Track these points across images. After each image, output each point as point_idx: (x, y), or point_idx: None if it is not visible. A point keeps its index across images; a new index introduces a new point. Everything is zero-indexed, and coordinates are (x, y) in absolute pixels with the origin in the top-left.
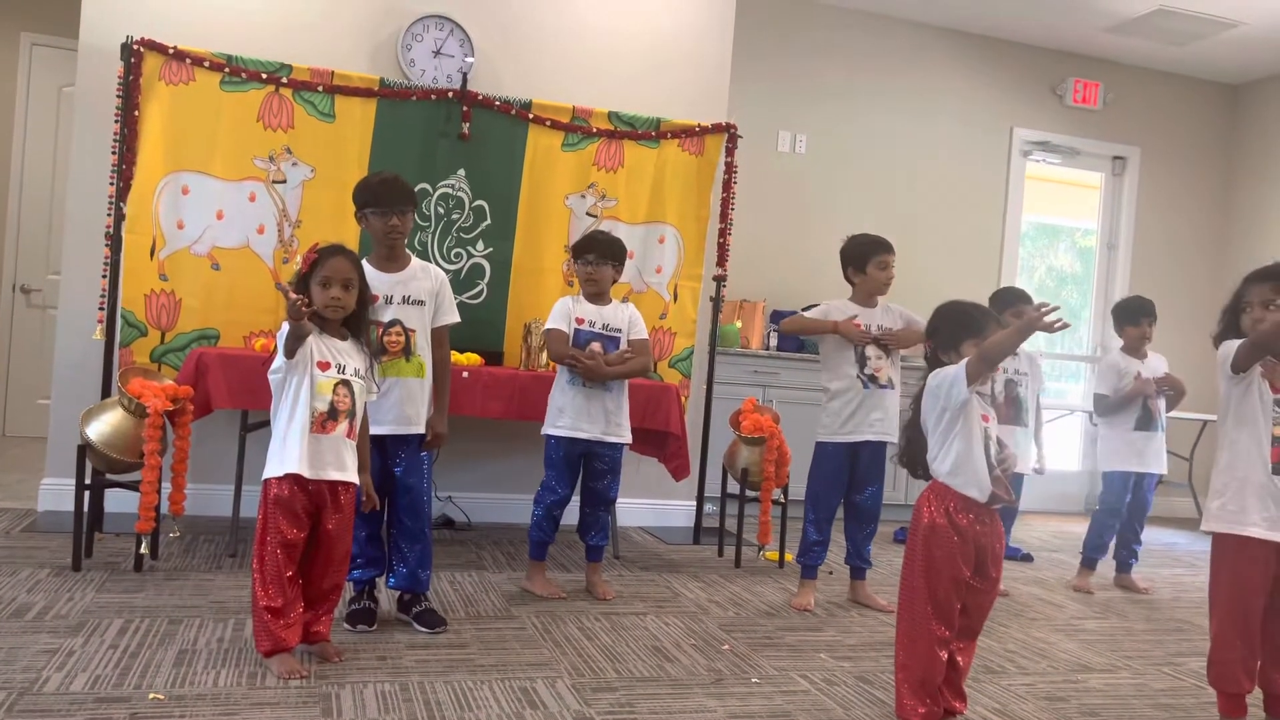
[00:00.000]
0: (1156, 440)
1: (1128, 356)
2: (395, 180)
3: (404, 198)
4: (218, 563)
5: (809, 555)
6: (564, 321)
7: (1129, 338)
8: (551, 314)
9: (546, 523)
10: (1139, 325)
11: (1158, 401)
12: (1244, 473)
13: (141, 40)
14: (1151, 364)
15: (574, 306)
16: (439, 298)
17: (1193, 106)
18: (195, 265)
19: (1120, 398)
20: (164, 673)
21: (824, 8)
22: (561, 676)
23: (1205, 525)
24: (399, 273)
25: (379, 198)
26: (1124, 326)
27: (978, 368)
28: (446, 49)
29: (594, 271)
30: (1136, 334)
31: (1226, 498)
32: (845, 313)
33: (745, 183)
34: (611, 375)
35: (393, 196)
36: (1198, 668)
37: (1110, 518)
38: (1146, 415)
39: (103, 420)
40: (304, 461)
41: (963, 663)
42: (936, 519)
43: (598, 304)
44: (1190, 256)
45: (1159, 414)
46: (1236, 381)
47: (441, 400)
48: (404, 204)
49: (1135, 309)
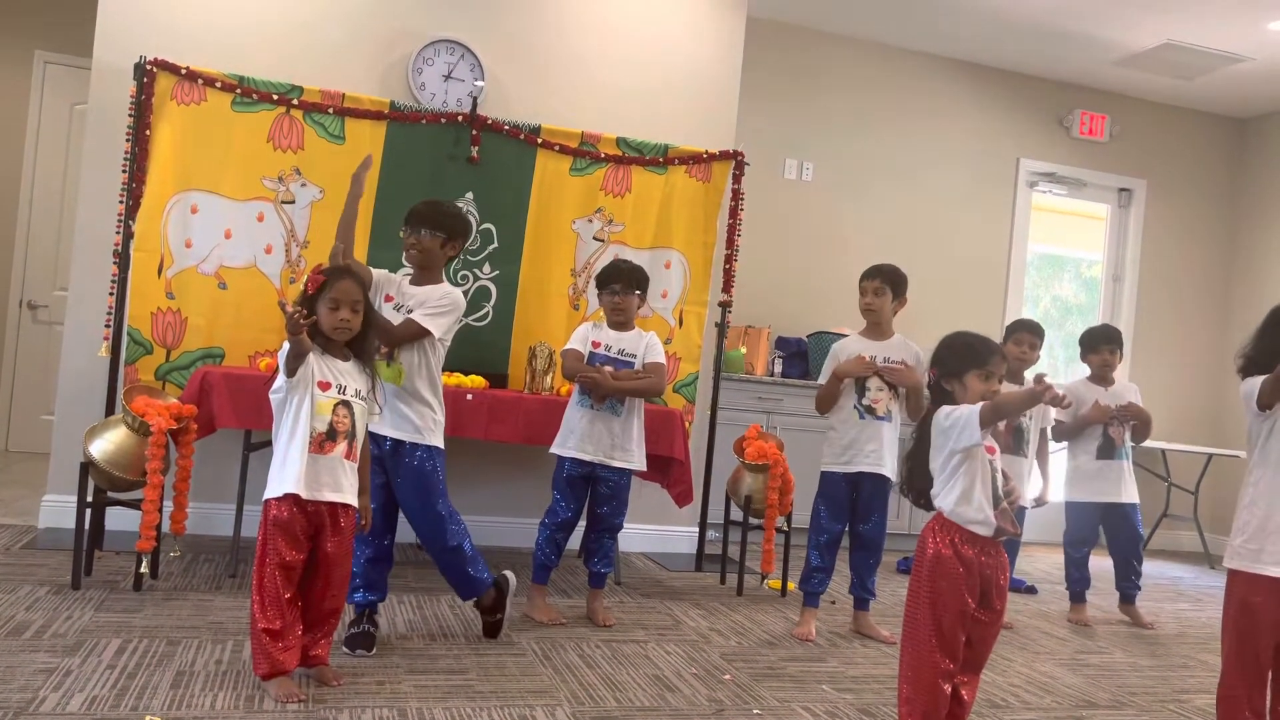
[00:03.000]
0: (1118, 469)
1: (1089, 383)
2: (426, 205)
3: (423, 220)
4: (218, 583)
5: (810, 582)
6: (581, 344)
7: (1092, 365)
8: (572, 337)
9: (549, 546)
10: (1099, 352)
11: (1121, 430)
12: (1265, 511)
13: (154, 60)
14: (1116, 391)
15: (593, 332)
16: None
17: (1199, 140)
18: (202, 284)
19: (1074, 423)
20: (161, 694)
21: (833, 37)
22: (561, 704)
23: (1225, 561)
24: (419, 286)
25: (406, 218)
26: (1086, 354)
27: (990, 418)
28: (457, 73)
29: (621, 301)
30: (1098, 361)
31: (1247, 535)
32: (852, 349)
33: (752, 209)
34: (618, 390)
35: (414, 217)
36: (1203, 705)
37: (1075, 549)
38: (1108, 444)
39: (106, 438)
40: (301, 482)
41: (967, 697)
42: (942, 550)
43: (619, 331)
44: (1195, 289)
45: (1121, 443)
46: (1262, 419)
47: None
48: (423, 225)
49: (1098, 336)
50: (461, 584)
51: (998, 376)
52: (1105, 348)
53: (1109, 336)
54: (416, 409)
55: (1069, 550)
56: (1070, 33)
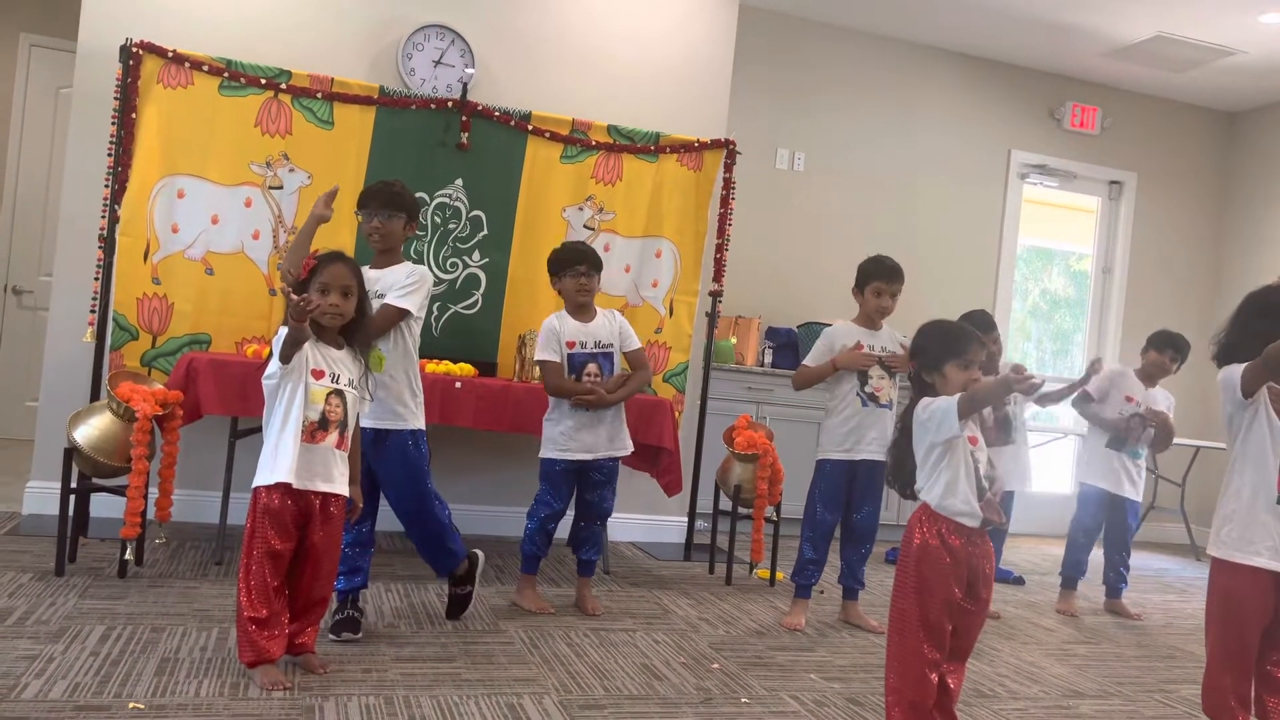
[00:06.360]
0: (1125, 462)
1: (1134, 376)
2: (382, 186)
3: (386, 202)
4: (203, 570)
5: (803, 574)
6: (554, 348)
7: (1147, 362)
8: (540, 343)
9: (540, 536)
10: (1162, 353)
11: (1140, 430)
12: (1249, 500)
13: (140, 43)
14: (1153, 394)
15: (560, 326)
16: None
17: (1190, 133)
18: (189, 269)
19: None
20: (145, 681)
21: (825, 27)
22: (549, 693)
23: (1209, 549)
24: (382, 269)
25: (365, 201)
26: (1148, 349)
27: (967, 408)
28: (447, 59)
29: (588, 282)
30: (1154, 361)
31: (1231, 525)
32: (850, 336)
33: (743, 199)
34: (617, 401)
35: (376, 200)
36: (1189, 695)
37: (1083, 535)
38: (1120, 439)
39: (90, 424)
40: (293, 471)
41: (954, 685)
42: (929, 540)
43: (583, 319)
44: (1185, 282)
45: (1136, 442)
46: (1243, 406)
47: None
48: (385, 208)
49: (1168, 341)
50: (441, 558)
51: (976, 364)
52: (1169, 351)
53: (1174, 344)
54: (397, 394)
55: (1076, 535)
56: (1062, 24)
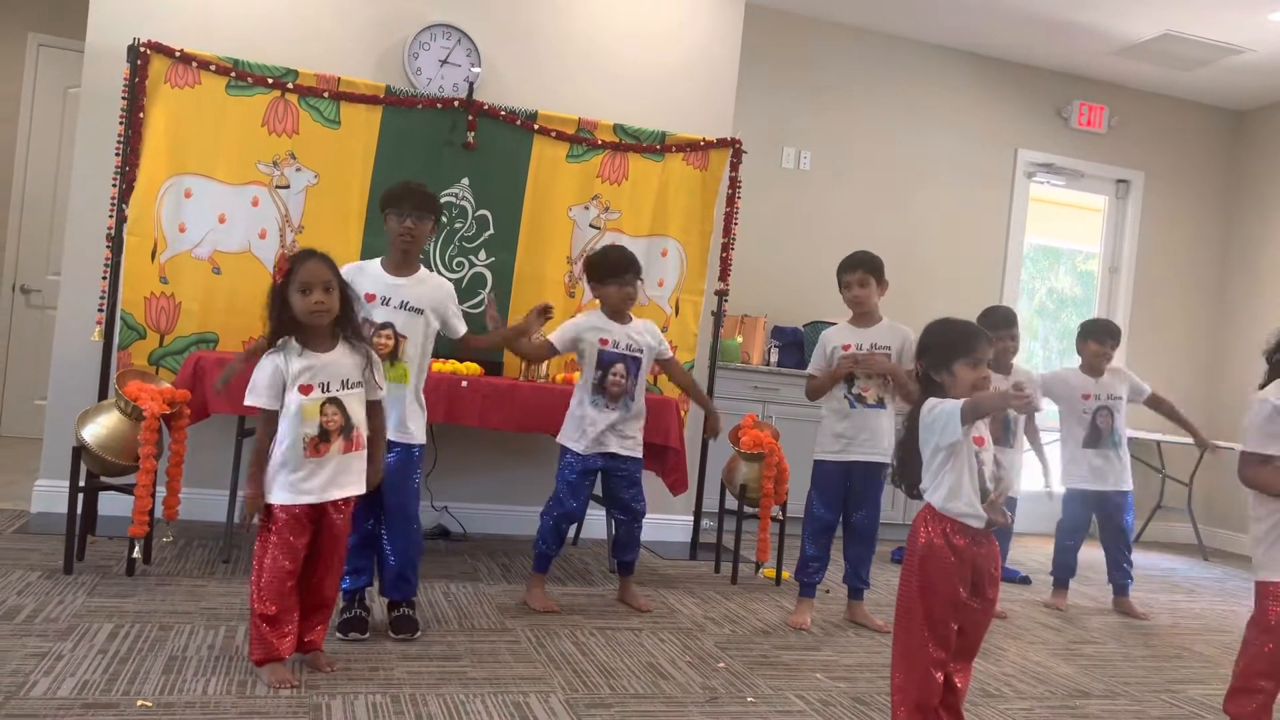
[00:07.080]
0: (1106, 457)
1: (1079, 373)
2: (418, 187)
3: (420, 204)
4: (210, 568)
5: (805, 572)
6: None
7: (1092, 354)
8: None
9: (553, 536)
10: (1099, 343)
11: (1109, 419)
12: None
13: (148, 42)
14: (1105, 383)
15: (600, 323)
16: (443, 309)
17: (1197, 132)
18: (196, 268)
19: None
20: (153, 679)
21: (831, 26)
22: (555, 692)
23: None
24: (404, 278)
25: (398, 201)
26: (1088, 341)
27: (970, 416)
28: (454, 58)
29: (634, 291)
30: (1100, 352)
31: (1269, 544)
32: (839, 338)
33: (749, 198)
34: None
35: (410, 201)
36: (1197, 695)
37: (1067, 537)
38: (1094, 433)
39: (98, 422)
40: (299, 490)
41: (960, 684)
42: (934, 540)
43: (619, 320)
44: (1192, 281)
45: (1109, 431)
46: None
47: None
48: (419, 210)
49: (1105, 330)
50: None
51: (986, 362)
52: (1109, 341)
53: (1110, 331)
54: (413, 410)
55: (1060, 539)
56: (1070, 23)
